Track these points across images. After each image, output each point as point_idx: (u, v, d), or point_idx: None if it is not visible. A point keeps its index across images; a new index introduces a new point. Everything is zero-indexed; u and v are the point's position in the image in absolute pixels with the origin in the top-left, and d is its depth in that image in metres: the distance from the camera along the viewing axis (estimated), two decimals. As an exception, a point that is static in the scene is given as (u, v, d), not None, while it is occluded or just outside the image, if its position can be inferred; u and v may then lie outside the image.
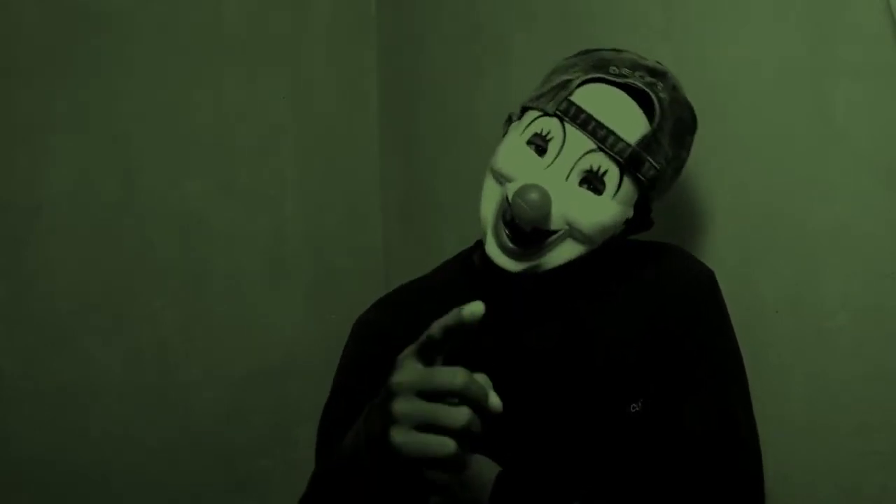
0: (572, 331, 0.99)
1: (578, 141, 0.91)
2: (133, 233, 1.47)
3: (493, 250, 0.93)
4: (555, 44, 1.38)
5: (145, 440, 1.49)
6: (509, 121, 1.02)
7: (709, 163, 1.19)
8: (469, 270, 1.07)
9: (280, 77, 1.64)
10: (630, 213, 0.96)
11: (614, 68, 0.94)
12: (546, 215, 0.89)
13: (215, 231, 1.57)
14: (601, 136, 0.90)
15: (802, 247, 1.09)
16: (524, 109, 0.98)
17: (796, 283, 1.10)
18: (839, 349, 1.06)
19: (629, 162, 0.91)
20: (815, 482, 1.08)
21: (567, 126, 0.91)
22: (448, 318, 0.65)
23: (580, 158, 0.91)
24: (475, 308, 0.65)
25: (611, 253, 1.01)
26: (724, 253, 1.17)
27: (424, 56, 1.67)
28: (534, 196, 0.87)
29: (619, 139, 0.91)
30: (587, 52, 1.01)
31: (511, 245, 0.92)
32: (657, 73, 0.96)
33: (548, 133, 0.92)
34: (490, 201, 0.95)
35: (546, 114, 0.93)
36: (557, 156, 0.91)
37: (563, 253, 0.93)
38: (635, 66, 0.95)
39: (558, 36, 1.39)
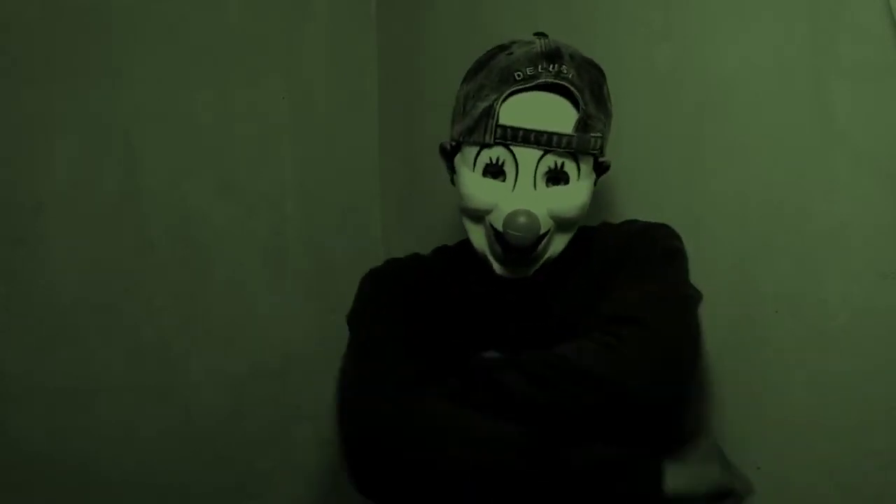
0: (546, 322, 1.05)
1: (527, 154, 0.99)
2: (133, 232, 1.47)
3: (502, 271, 1.04)
4: (555, 44, 1.38)
5: (145, 440, 1.49)
6: (444, 152, 1.09)
7: (709, 163, 1.19)
8: (463, 267, 1.12)
9: (280, 77, 1.64)
10: (595, 178, 1.06)
11: (518, 73, 1.00)
12: (538, 230, 0.98)
13: (215, 230, 1.57)
14: (544, 141, 0.99)
15: (802, 246, 1.09)
16: (458, 143, 1.05)
17: (796, 283, 1.10)
18: (839, 349, 1.06)
19: (579, 149, 1.00)
20: (815, 482, 1.08)
21: (511, 147, 0.99)
22: None
23: (537, 166, 0.99)
24: None
25: (587, 244, 1.09)
26: (724, 253, 1.17)
27: (424, 56, 1.67)
28: (522, 220, 0.97)
29: (560, 136, 0.99)
30: (482, 64, 1.04)
31: (513, 260, 1.02)
32: (554, 56, 1.00)
33: (497, 159, 1.00)
34: (478, 236, 1.04)
35: (486, 145, 1.00)
36: (517, 174, 1.00)
37: (559, 242, 1.03)
38: (533, 60, 1.00)
39: (558, 36, 1.38)
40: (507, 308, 1.07)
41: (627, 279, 1.00)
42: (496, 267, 1.03)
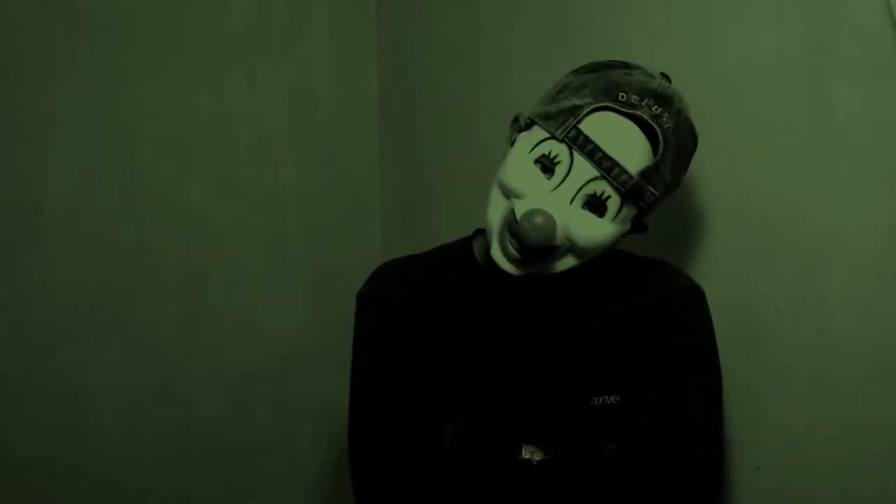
0: (555, 327, 1.04)
1: (584, 168, 0.96)
2: (133, 233, 1.47)
3: (497, 256, 1.00)
4: (554, 44, 1.38)
5: (145, 440, 1.49)
6: (516, 122, 1.05)
7: (709, 163, 1.19)
8: (470, 261, 1.11)
9: (280, 77, 1.64)
10: (627, 228, 1.02)
11: (623, 95, 0.97)
12: (550, 237, 0.95)
13: (215, 231, 1.57)
14: (606, 166, 0.95)
15: (802, 247, 1.09)
16: (532, 122, 1.01)
17: (796, 284, 1.10)
18: (839, 349, 1.06)
19: (631, 192, 0.96)
20: (815, 482, 1.08)
21: (574, 153, 0.96)
22: None
23: (585, 184, 0.96)
24: None
25: (606, 264, 1.06)
26: (723, 253, 1.17)
27: (424, 56, 1.67)
28: (539, 220, 0.94)
29: (622, 170, 0.95)
30: (598, 67, 1.02)
31: (516, 255, 0.98)
32: (664, 100, 0.98)
33: (556, 156, 0.97)
34: (497, 211, 1.00)
35: (555, 138, 0.97)
36: (564, 179, 0.96)
37: (562, 264, 1.00)
38: (643, 93, 0.97)
39: (558, 36, 1.39)
40: (510, 307, 1.06)
41: (665, 372, 1.00)
42: (493, 247, 1.00)
